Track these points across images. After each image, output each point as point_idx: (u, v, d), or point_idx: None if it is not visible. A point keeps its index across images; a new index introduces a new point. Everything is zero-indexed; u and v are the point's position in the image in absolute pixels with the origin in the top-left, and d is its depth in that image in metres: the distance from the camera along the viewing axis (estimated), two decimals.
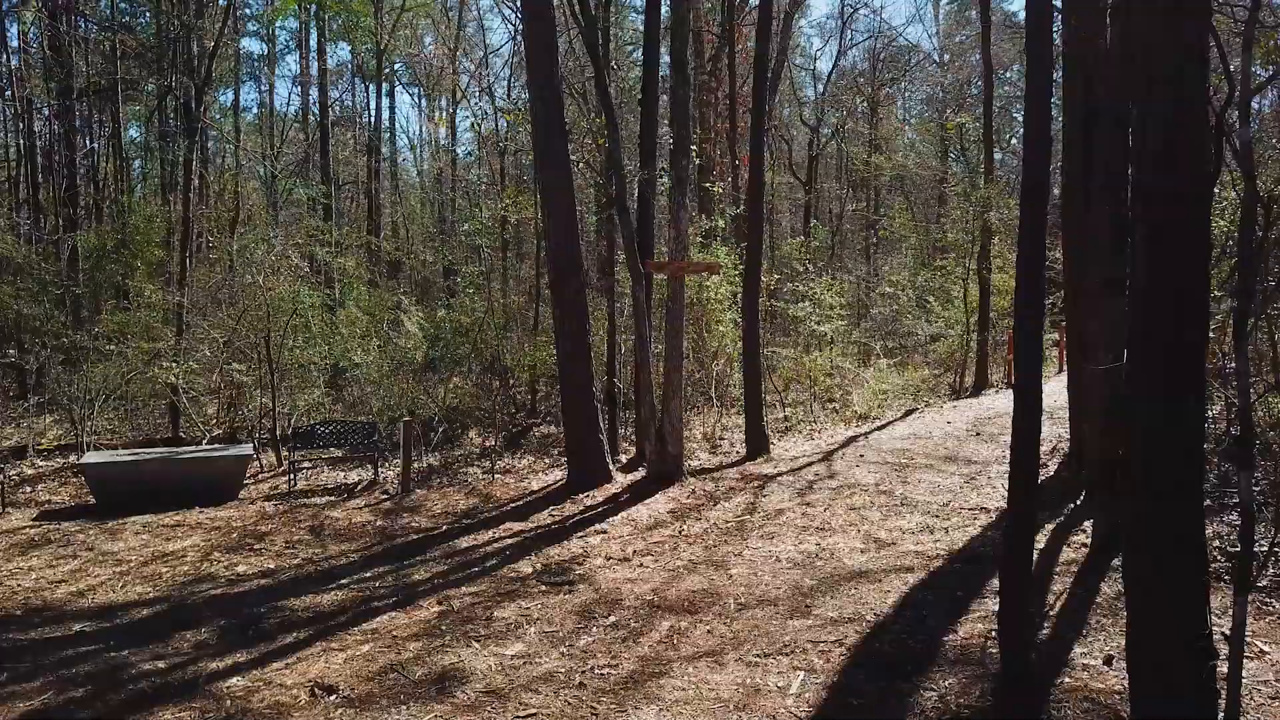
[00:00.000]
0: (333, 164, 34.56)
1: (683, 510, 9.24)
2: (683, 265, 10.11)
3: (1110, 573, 6.46)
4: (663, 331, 13.85)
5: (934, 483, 10.03)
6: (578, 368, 10.29)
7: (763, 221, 12.09)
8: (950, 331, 20.18)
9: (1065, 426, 13.05)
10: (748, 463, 11.60)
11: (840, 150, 34.63)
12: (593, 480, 10.35)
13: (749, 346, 11.94)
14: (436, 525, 9.25)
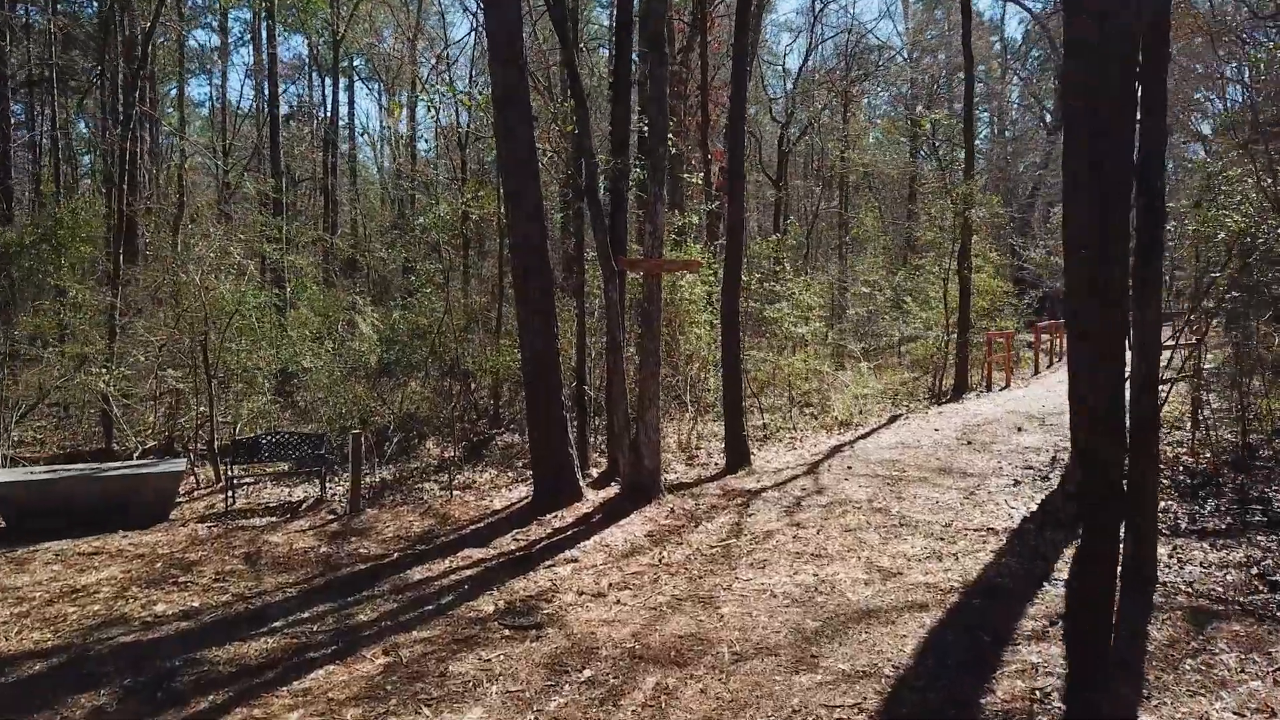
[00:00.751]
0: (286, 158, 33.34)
1: (662, 533, 8.36)
2: (660, 262, 9.24)
3: (1155, 612, 5.69)
4: (637, 334, 13.00)
5: (931, 499, 9.26)
6: (544, 374, 9.38)
7: (744, 217, 11.25)
8: (929, 333, 19.53)
9: (1060, 434, 12.44)
10: (728, 476, 10.76)
11: (811, 148, 34.01)
12: (561, 498, 9.45)
13: (728, 351, 11.11)
14: (387, 552, 8.29)
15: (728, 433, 11.13)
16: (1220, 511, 8.36)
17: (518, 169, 9.17)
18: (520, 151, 9.17)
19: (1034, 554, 7.18)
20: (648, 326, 9.29)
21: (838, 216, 30.86)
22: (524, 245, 9.23)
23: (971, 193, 17.40)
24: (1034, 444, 11.78)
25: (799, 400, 16.01)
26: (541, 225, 9.28)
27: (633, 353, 12.51)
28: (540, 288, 9.28)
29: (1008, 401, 16.02)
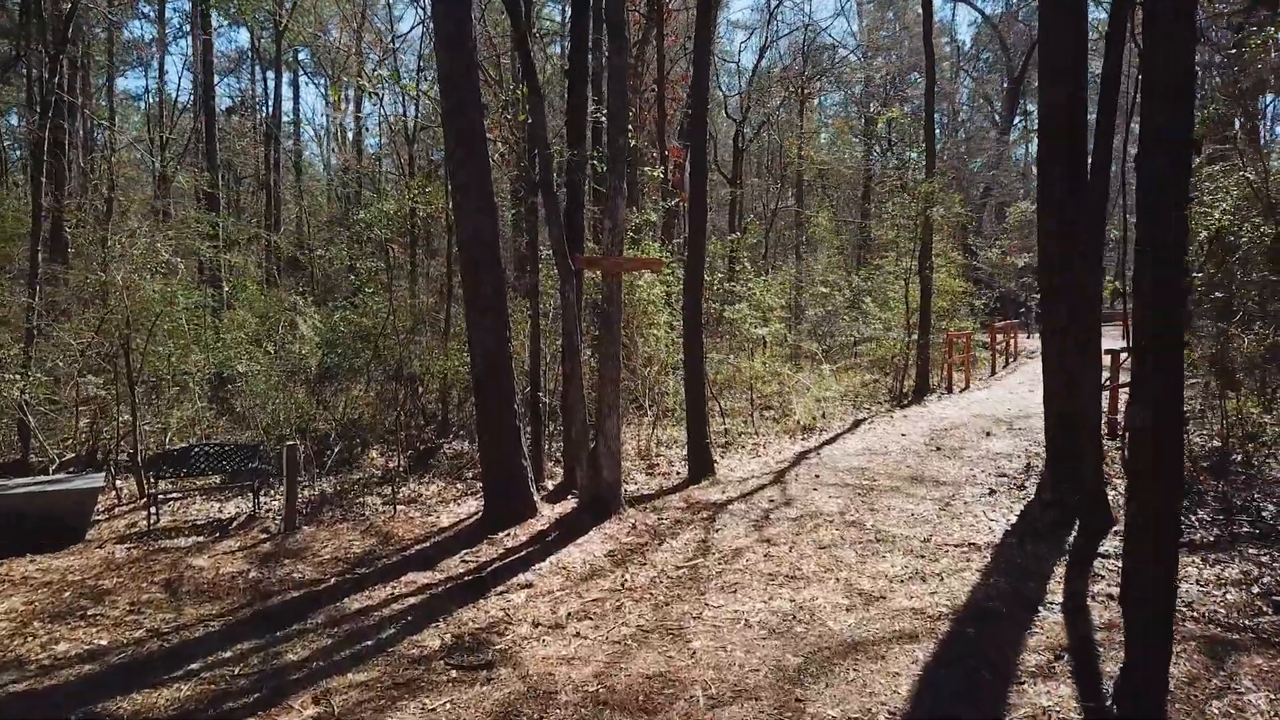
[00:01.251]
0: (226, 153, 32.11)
1: (623, 552, 7.76)
2: (620, 261, 8.64)
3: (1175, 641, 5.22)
4: (594, 337, 12.40)
5: (906, 510, 8.79)
6: (496, 380, 8.72)
7: (707, 213, 10.70)
8: (890, 334, 19.19)
9: (1029, 438, 12.10)
10: (691, 486, 10.20)
11: (766, 146, 33.69)
12: (514, 514, 8.80)
13: (691, 354, 10.54)
14: (324, 576, 7.58)
15: (690, 441, 10.58)
16: (1206, 523, 8.00)
17: (467, 160, 8.50)
18: (469, 140, 8.51)
19: (1022, 572, 6.72)
20: (607, 329, 8.68)
21: (795, 216, 30.49)
22: (474, 241, 8.57)
23: (933, 191, 17.08)
24: (1005, 450, 11.41)
25: (760, 403, 15.52)
26: (493, 220, 8.62)
27: (589, 355, 11.91)
28: (491, 287, 8.63)
29: (971, 404, 15.71)
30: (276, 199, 29.33)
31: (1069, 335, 9.62)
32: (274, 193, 29.21)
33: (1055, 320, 9.70)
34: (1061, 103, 9.04)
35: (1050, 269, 9.79)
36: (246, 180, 36.02)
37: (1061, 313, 9.63)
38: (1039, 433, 12.34)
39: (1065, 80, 9.32)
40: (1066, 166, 9.56)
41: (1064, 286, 9.64)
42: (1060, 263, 9.65)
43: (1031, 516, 8.38)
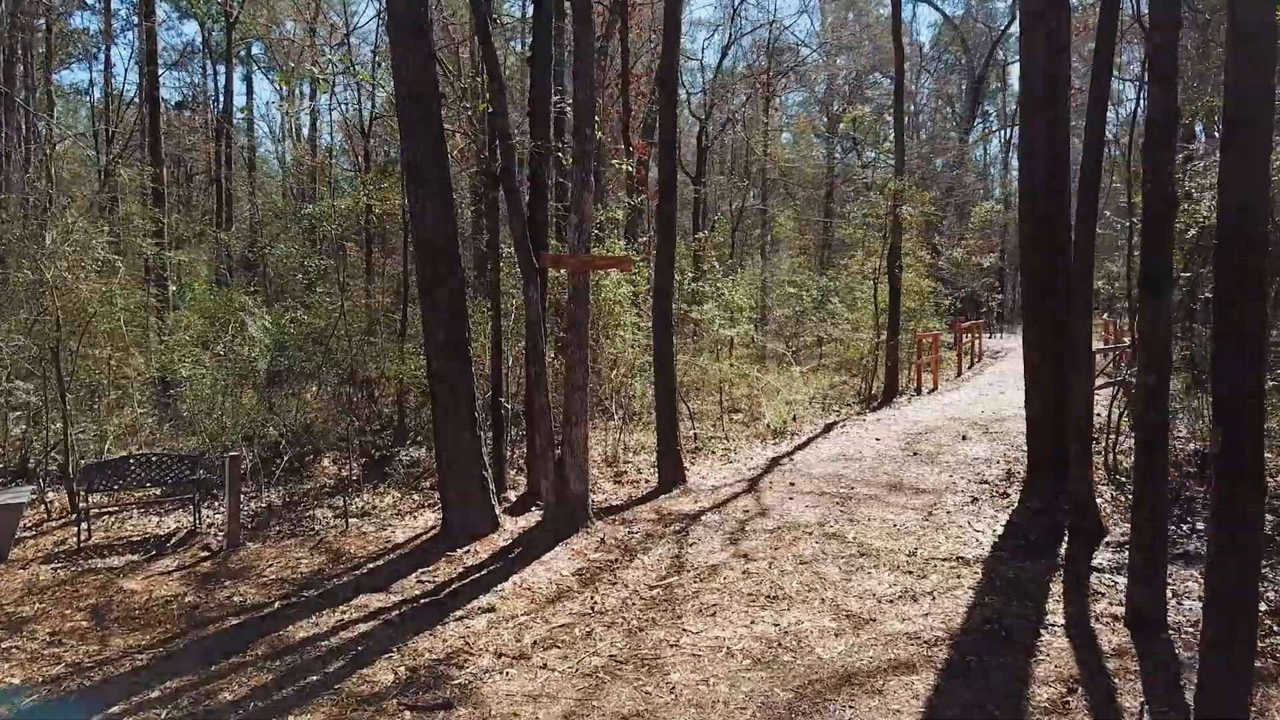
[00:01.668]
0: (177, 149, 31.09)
1: (592, 571, 7.25)
2: (589, 259, 8.13)
3: (1186, 672, 4.85)
4: (558, 339, 11.90)
5: (887, 521, 8.38)
6: (454, 386, 8.17)
7: (676, 210, 10.23)
8: (857, 334, 18.87)
9: (1006, 442, 11.79)
10: (662, 496, 9.72)
11: (730, 144, 33.35)
12: (474, 528, 8.26)
13: (661, 357, 10.07)
14: (268, 599, 6.99)
15: (660, 448, 10.10)
16: (1197, 532, 7.69)
17: (423, 151, 7.94)
18: (426, 131, 7.95)
19: (1017, 590, 6.33)
20: (575, 331, 8.17)
21: (760, 215, 30.16)
22: (430, 236, 8.02)
23: (903, 189, 16.78)
24: (983, 454, 11.07)
25: (728, 406, 15.09)
26: (450, 214, 8.07)
27: (553, 358, 11.39)
28: (449, 285, 8.08)
29: (943, 406, 15.42)
30: (228, 196, 28.37)
31: (1050, 343, 9.32)
32: (225, 189, 28.24)
33: (1040, 325, 9.39)
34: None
35: (1035, 271, 9.48)
36: (199, 177, 34.93)
37: (1047, 318, 9.32)
38: (1016, 436, 12.07)
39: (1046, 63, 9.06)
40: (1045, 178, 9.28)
41: (1046, 287, 9.33)
42: (1044, 265, 9.34)
43: (1019, 527, 8.02)
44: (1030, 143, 9.31)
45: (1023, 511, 8.53)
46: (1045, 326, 9.27)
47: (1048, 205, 9.19)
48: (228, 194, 28.34)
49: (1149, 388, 5.35)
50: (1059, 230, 9.23)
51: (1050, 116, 9.06)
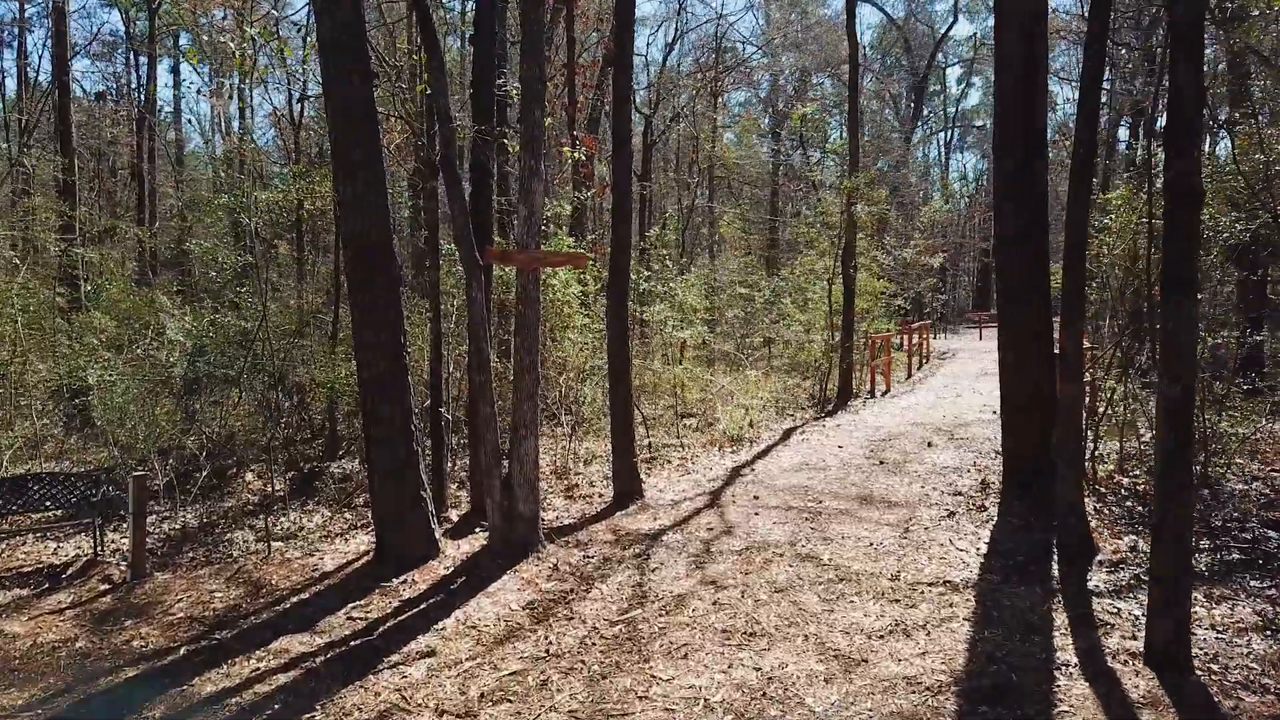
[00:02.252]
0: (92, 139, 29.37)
1: (545, 604, 6.48)
2: (539, 255, 7.35)
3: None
4: (501, 342, 11.14)
5: (862, 539, 7.77)
6: (388, 395, 7.33)
7: (632, 204, 9.50)
8: (808, 335, 18.35)
9: (974, 449, 11.31)
10: (618, 513, 8.98)
11: (676, 142, 32.74)
12: (411, 554, 7.43)
13: (616, 363, 9.33)
14: (173, 643, 6.09)
15: (616, 459, 9.36)
16: (1195, 548, 7.21)
17: (352, 134, 7.09)
18: (356, 113, 7.10)
19: (1019, 621, 5.73)
20: (524, 334, 7.39)
21: (707, 215, 29.58)
22: (361, 230, 7.16)
23: (858, 186, 16.29)
24: (952, 463, 10.56)
25: (681, 412, 14.41)
26: (383, 205, 7.23)
27: (497, 362, 10.60)
28: (383, 284, 7.24)
29: (902, 410, 14.95)
30: (151, 190, 26.89)
31: (1026, 346, 8.82)
32: (147, 183, 26.75)
33: (1016, 327, 8.89)
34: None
35: (1010, 270, 8.99)
36: (123, 172, 33.23)
37: (1022, 319, 8.83)
38: (983, 443, 11.62)
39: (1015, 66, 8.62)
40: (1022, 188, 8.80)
41: (1022, 286, 8.84)
42: (1019, 262, 8.85)
43: (1003, 545, 7.47)
44: (1004, 127, 8.80)
45: (1004, 526, 7.99)
46: (1021, 328, 8.78)
47: (1023, 200, 8.69)
48: (151, 188, 26.90)
49: (1172, 400, 4.78)
50: (1035, 227, 8.74)
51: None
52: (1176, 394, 4.77)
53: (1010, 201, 8.78)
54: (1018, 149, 8.68)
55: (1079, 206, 6.85)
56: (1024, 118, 8.65)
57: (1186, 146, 4.74)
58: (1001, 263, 9.05)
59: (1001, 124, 8.86)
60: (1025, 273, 8.73)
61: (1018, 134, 8.66)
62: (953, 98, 54.40)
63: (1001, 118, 8.87)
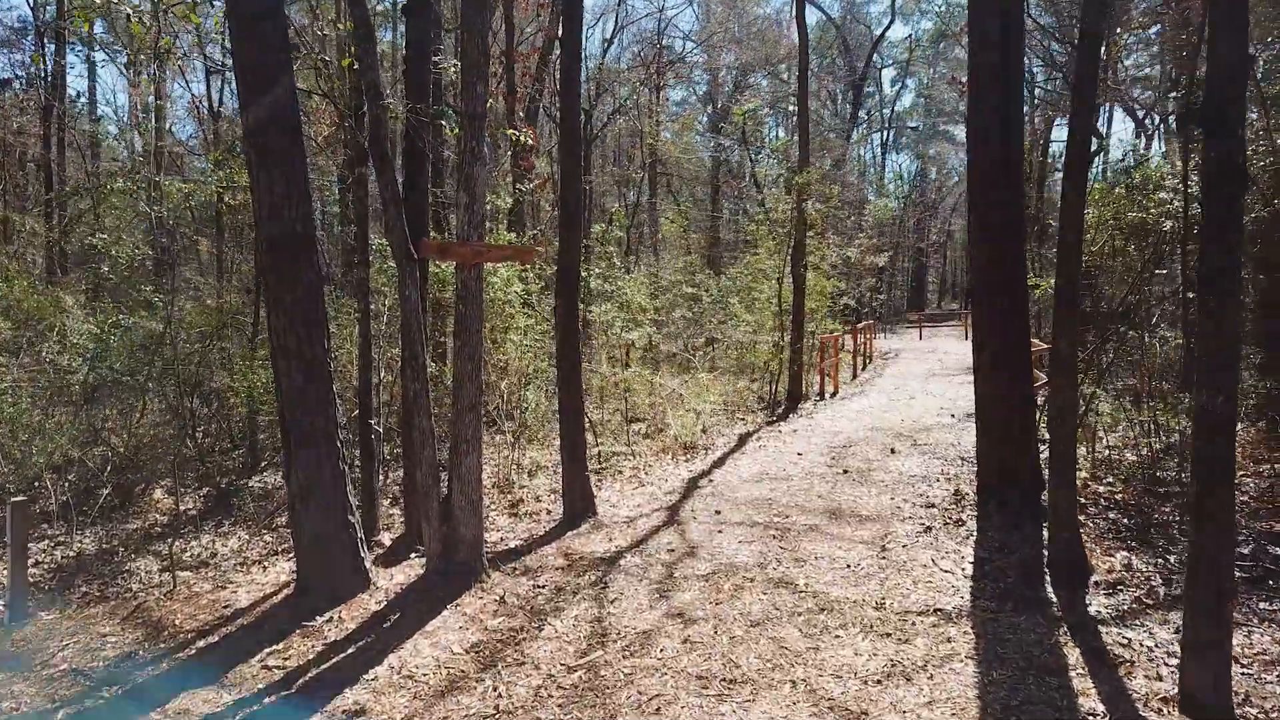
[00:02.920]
0: None
1: (492, 645, 5.68)
2: (482, 249, 6.53)
3: None
4: (436, 345, 10.33)
5: (837, 559, 7.13)
6: (310, 406, 6.45)
7: (581, 194, 8.74)
8: (760, 337, 17.79)
9: (939, 455, 10.82)
10: (569, 533, 8.20)
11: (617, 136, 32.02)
12: (338, 587, 6.57)
13: (566, 367, 8.56)
14: (51, 703, 5.15)
15: (566, 473, 8.59)
16: (1185, 565, 6.73)
17: (268, 113, 6.20)
18: (272, 90, 6.22)
19: (1028, 661, 5.13)
20: (464, 337, 6.57)
21: (649, 212, 28.90)
22: (277, 221, 6.28)
23: (809, 183, 15.76)
24: (918, 471, 10.03)
25: (630, 416, 13.69)
26: (303, 191, 6.36)
27: (434, 368, 9.77)
28: (304, 283, 6.36)
29: (856, 414, 14.45)
30: (61, 183, 25.20)
31: (1004, 347, 8.31)
32: (54, 176, 25.10)
33: (990, 325, 8.37)
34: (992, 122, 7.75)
35: (983, 265, 8.47)
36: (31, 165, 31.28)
37: (997, 316, 8.31)
38: (947, 449, 11.13)
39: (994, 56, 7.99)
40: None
41: (996, 280, 8.33)
42: (993, 256, 8.34)
43: (990, 565, 6.90)
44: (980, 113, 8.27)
45: (986, 543, 7.43)
46: (997, 328, 8.27)
47: (998, 188, 8.17)
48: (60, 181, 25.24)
49: (1214, 414, 4.21)
50: (1013, 220, 8.24)
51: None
52: (1218, 406, 4.20)
53: (987, 193, 8.26)
54: (995, 136, 8.15)
55: (1075, 201, 6.31)
56: (1001, 102, 8.13)
57: (1228, 122, 4.17)
58: (976, 258, 8.51)
59: (977, 110, 8.33)
60: (1002, 269, 8.21)
61: (995, 120, 8.14)
62: (888, 99, 54.73)
63: (977, 102, 8.34)
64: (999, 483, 8.22)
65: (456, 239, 6.57)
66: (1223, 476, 4.27)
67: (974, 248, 8.58)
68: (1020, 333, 8.28)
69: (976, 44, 8.33)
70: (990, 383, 8.37)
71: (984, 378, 8.47)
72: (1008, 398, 8.21)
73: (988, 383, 8.41)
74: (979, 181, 8.36)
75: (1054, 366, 6.57)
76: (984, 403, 8.46)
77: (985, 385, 8.44)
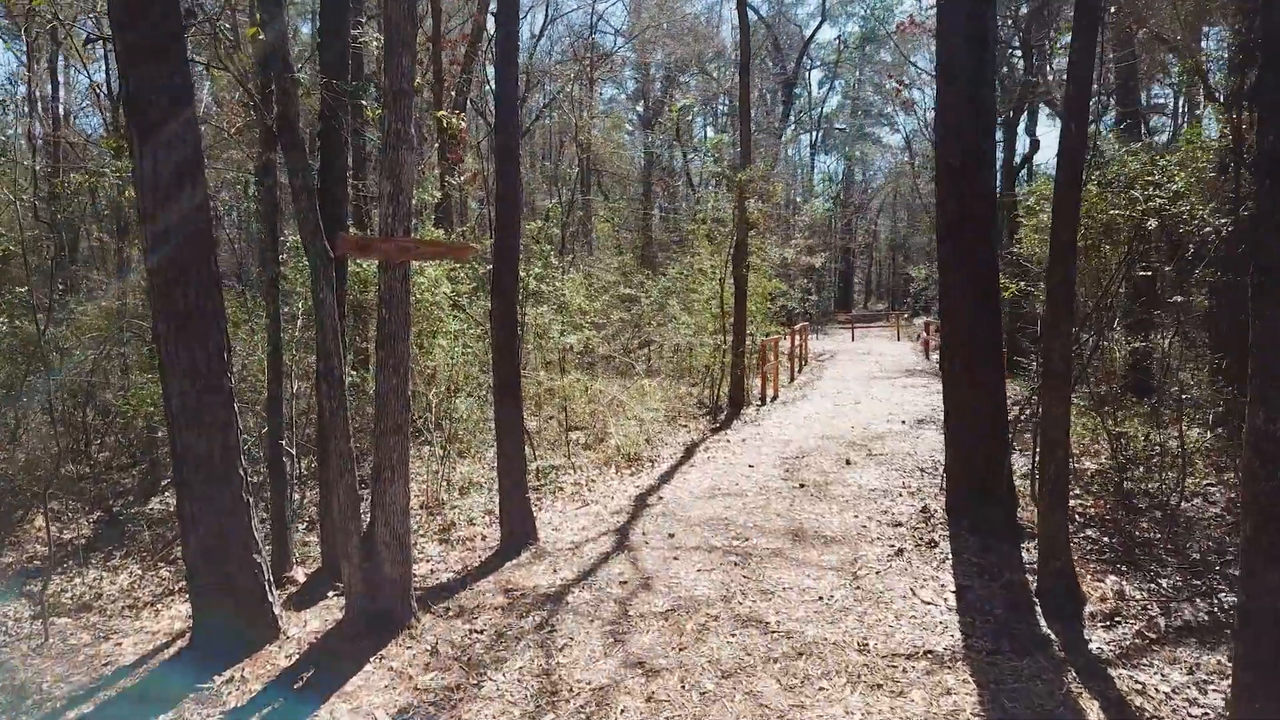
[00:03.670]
0: None
1: (425, 710, 4.83)
2: (410, 245, 5.66)
3: None
4: (358, 352, 9.47)
5: (807, 590, 6.46)
6: (206, 429, 5.52)
7: (520, 186, 7.90)
8: (701, 340, 17.14)
9: (897, 466, 10.28)
10: (509, 563, 7.36)
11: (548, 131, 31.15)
12: (242, 638, 5.64)
13: (504, 376, 7.70)
14: None
15: (504, 494, 7.74)
16: (1180, 590, 6.26)
17: (152, 79, 5.25)
18: (161, 60, 5.27)
19: (1044, 717, 4.51)
20: (389, 348, 5.70)
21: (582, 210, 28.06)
22: (163, 207, 5.33)
23: (752, 180, 15.15)
24: (879, 485, 9.45)
25: (568, 424, 12.85)
26: (195, 172, 5.42)
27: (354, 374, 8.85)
28: (198, 284, 5.43)
29: (803, 420, 13.87)
30: None
31: (981, 353, 7.77)
32: None
33: (966, 332, 7.82)
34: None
35: (952, 263, 7.93)
36: None
37: (974, 324, 7.76)
38: (904, 459, 10.60)
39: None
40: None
41: (967, 276, 7.79)
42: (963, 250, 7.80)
43: (974, 595, 6.31)
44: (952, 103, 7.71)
45: (965, 568, 6.85)
46: (967, 332, 7.72)
47: (974, 187, 7.63)
48: None
49: (1273, 439, 3.62)
50: (985, 219, 7.70)
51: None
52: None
53: (958, 189, 7.70)
54: (968, 128, 7.60)
55: (1069, 198, 5.75)
56: (974, 90, 7.58)
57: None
58: (946, 258, 7.95)
59: (948, 100, 7.77)
60: (973, 269, 7.66)
61: (967, 110, 7.58)
62: (816, 100, 54.90)
63: (947, 92, 7.78)
64: (971, 500, 7.67)
65: (380, 234, 5.70)
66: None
67: (942, 246, 8.02)
68: (992, 338, 7.75)
69: (946, 25, 7.77)
70: (960, 392, 7.83)
71: (953, 386, 7.93)
72: (979, 409, 7.67)
73: (957, 392, 7.86)
74: (948, 176, 7.80)
75: (1045, 378, 6.00)
76: (954, 414, 7.91)
77: (955, 395, 7.89)
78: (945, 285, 8.08)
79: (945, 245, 7.94)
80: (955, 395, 7.89)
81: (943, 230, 7.95)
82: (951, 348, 7.96)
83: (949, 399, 8.01)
